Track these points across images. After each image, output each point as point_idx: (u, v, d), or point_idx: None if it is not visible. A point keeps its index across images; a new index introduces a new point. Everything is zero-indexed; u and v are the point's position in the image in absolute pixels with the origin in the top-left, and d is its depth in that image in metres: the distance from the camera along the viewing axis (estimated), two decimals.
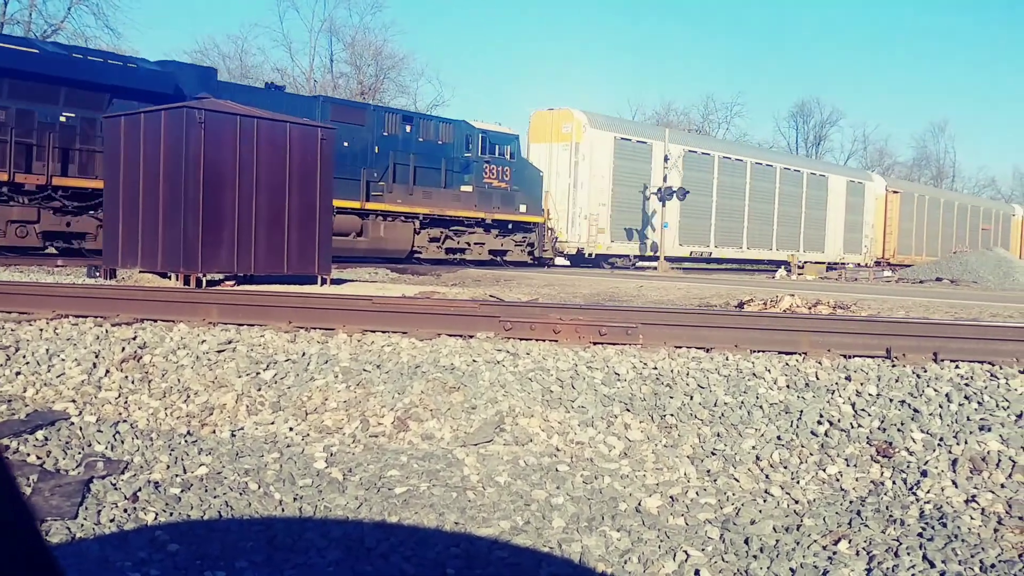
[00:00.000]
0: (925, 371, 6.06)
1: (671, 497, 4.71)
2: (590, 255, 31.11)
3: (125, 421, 5.61)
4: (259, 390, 6.07)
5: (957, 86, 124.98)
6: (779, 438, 5.31)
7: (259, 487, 4.64)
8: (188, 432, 5.50)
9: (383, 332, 7.20)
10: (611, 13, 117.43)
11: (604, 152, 31.50)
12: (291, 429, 5.57)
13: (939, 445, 5.07)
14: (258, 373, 6.30)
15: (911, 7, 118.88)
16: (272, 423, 5.67)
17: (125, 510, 4.26)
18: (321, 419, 5.68)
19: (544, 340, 6.95)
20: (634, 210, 32.90)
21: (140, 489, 4.49)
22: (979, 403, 5.49)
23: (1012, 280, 26.01)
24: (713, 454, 5.20)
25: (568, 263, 31.85)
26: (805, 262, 37.87)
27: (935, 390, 5.71)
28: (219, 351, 6.67)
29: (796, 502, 4.66)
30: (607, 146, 31.71)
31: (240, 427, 5.62)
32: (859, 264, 41.59)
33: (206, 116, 11.74)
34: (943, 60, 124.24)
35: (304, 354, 6.60)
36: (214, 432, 5.56)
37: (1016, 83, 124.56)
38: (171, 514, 4.27)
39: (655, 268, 32.09)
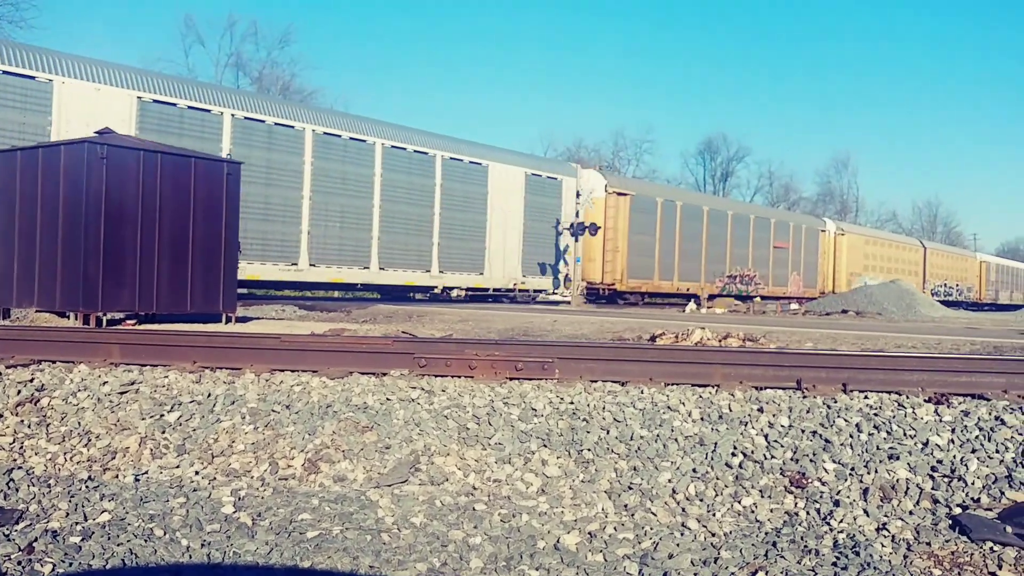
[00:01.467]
0: (835, 402, 6.17)
1: (589, 533, 4.67)
2: None
3: (20, 468, 5.35)
4: (163, 432, 5.86)
5: (859, 122, 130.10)
6: (695, 471, 5.33)
7: (165, 533, 4.44)
8: (89, 477, 5.26)
9: (292, 371, 7.03)
10: (525, 50, 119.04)
11: None
12: (197, 473, 5.38)
13: (851, 475, 5.15)
14: (162, 415, 6.08)
15: (813, 44, 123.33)
16: (177, 467, 5.47)
17: (19, 563, 4.02)
18: (228, 462, 5.50)
19: (460, 376, 6.88)
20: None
21: (36, 539, 4.25)
22: (888, 432, 5.61)
23: (915, 312, 26.91)
24: (630, 488, 5.18)
25: None
26: (447, 288, 27.64)
27: (845, 420, 5.81)
28: (121, 393, 6.43)
29: (713, 535, 4.67)
30: None
31: (144, 471, 5.40)
32: (552, 293, 31.33)
33: (108, 151, 11.42)
34: (845, 96, 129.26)
35: (210, 395, 6.40)
36: (117, 477, 5.34)
37: (914, 119, 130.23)
38: (71, 564, 4.05)
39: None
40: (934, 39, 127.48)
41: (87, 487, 5.06)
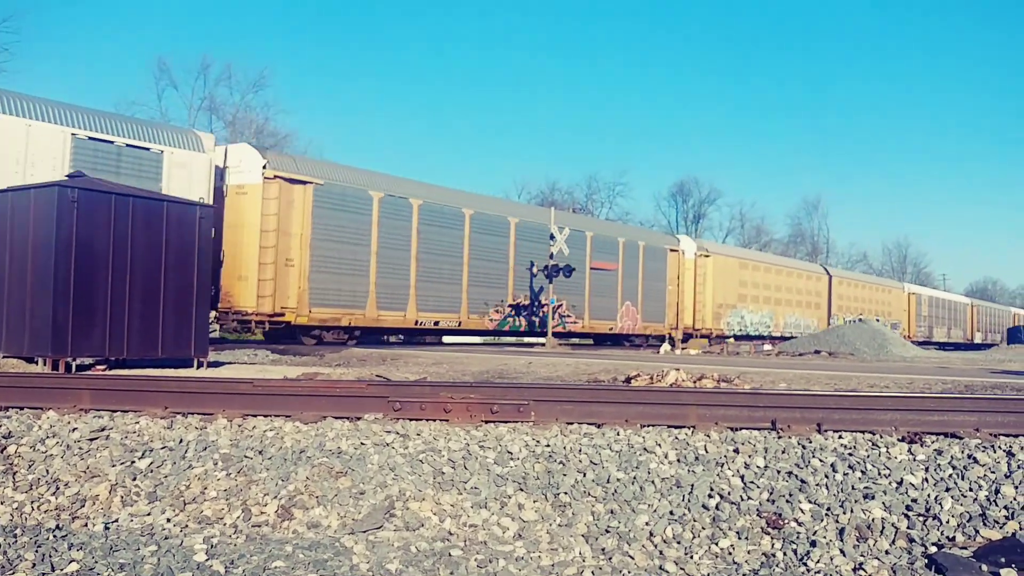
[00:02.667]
0: (810, 442, 6.19)
1: None
2: None
3: None
4: (134, 479, 5.77)
5: (829, 165, 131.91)
6: (672, 513, 5.31)
7: None
8: (57, 526, 5.16)
9: (265, 416, 6.96)
10: (499, 94, 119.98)
11: None
12: (169, 520, 5.30)
13: (827, 515, 5.16)
14: (133, 462, 6.00)
15: (783, 87, 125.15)
16: (149, 514, 5.38)
17: None
18: (200, 509, 5.42)
19: (435, 420, 6.84)
20: None
21: None
22: (862, 472, 5.63)
23: (886, 352, 27.16)
24: (607, 532, 5.16)
25: None
26: None
27: (820, 460, 5.82)
28: (91, 439, 6.34)
29: None
30: None
31: (114, 519, 5.31)
32: None
33: (79, 195, 11.35)
34: (815, 139, 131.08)
35: (181, 441, 6.33)
36: (86, 525, 5.24)
37: (884, 161, 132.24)
38: None
39: None
40: (903, 81, 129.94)
41: (55, 536, 4.96)
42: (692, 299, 38.11)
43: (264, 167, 21.98)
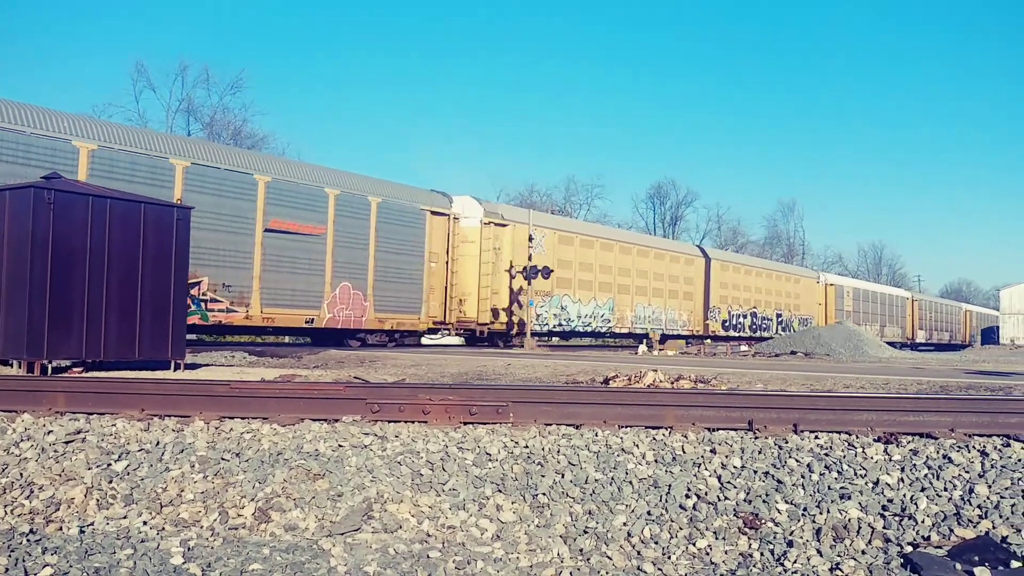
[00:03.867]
0: (786, 442, 6.22)
1: None
2: None
3: None
4: (111, 482, 5.73)
5: (804, 167, 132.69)
6: (649, 513, 5.33)
7: None
8: (31, 531, 5.11)
9: (242, 418, 6.94)
10: (479, 96, 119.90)
11: None
12: (145, 523, 5.26)
13: (803, 515, 5.19)
14: (109, 464, 5.95)
15: (759, 90, 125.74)
16: (125, 517, 5.34)
17: None
18: (177, 512, 5.39)
19: (413, 421, 6.83)
20: None
21: None
22: (839, 472, 5.66)
23: (861, 353, 27.48)
24: (585, 532, 5.17)
25: None
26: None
27: (797, 461, 5.86)
28: (67, 442, 6.29)
29: None
30: None
31: (90, 523, 5.27)
32: None
33: (55, 196, 11.27)
34: (791, 143, 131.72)
35: (158, 443, 6.29)
36: (61, 529, 5.20)
37: (859, 164, 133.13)
38: None
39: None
40: (880, 85, 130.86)
41: (28, 540, 4.91)
42: (476, 281, 27.81)
43: None
